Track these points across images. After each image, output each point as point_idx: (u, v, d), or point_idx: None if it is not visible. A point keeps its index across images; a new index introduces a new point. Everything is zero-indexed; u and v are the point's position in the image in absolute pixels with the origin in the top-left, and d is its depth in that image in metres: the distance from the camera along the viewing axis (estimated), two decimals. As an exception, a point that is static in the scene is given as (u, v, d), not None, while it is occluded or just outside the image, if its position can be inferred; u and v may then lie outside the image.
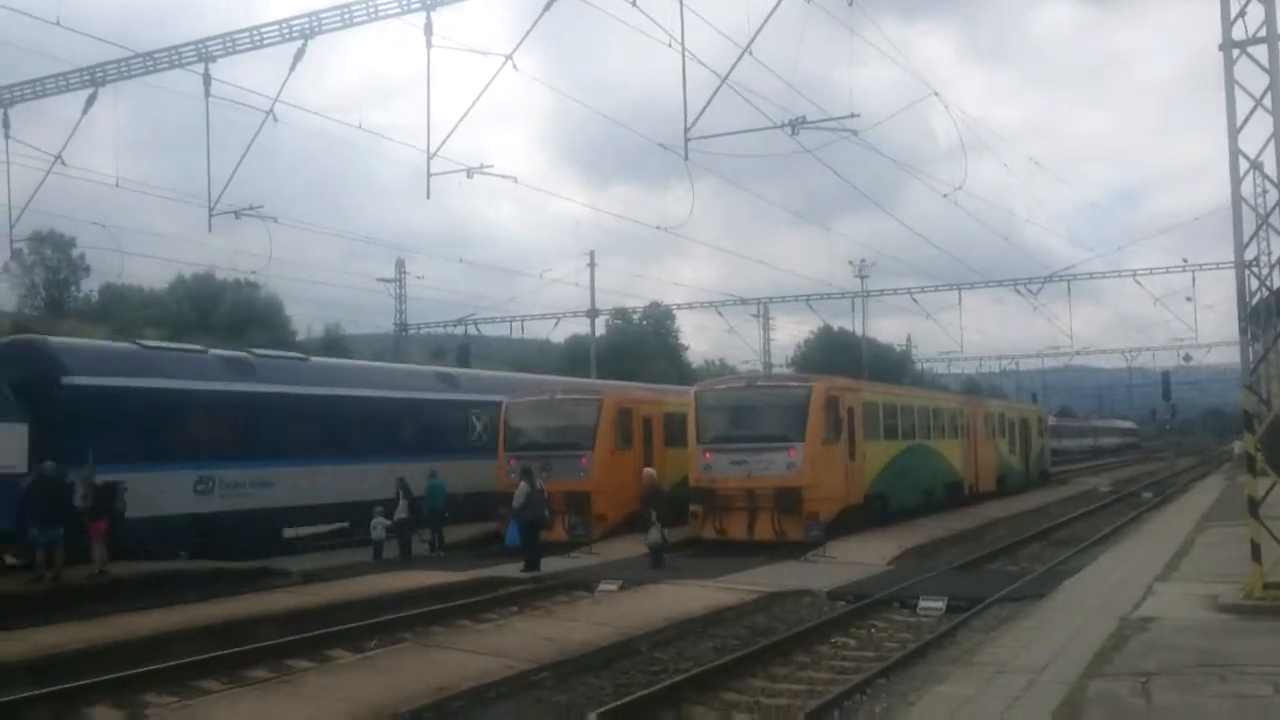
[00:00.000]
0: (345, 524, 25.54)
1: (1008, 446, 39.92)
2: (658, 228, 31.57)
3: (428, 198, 20.30)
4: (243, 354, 24.57)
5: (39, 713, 10.22)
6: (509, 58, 19.62)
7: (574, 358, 59.79)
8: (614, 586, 17.39)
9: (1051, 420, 60.87)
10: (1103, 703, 8.62)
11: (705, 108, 19.48)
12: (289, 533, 24.25)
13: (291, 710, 9.48)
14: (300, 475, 23.33)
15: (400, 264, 55.04)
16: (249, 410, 22.71)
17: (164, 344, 24.65)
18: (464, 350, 52.92)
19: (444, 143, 20.28)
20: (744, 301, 55.97)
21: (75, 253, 59.65)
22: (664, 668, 11.92)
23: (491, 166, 22.14)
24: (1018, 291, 49.67)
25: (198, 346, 25.37)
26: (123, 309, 56.44)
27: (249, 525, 22.05)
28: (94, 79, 21.93)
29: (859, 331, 66.59)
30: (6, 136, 22.63)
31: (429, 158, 20.07)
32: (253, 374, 23.49)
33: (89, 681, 11.08)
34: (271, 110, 21.03)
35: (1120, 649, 10.64)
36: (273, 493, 22.80)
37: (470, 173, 21.56)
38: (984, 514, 30.36)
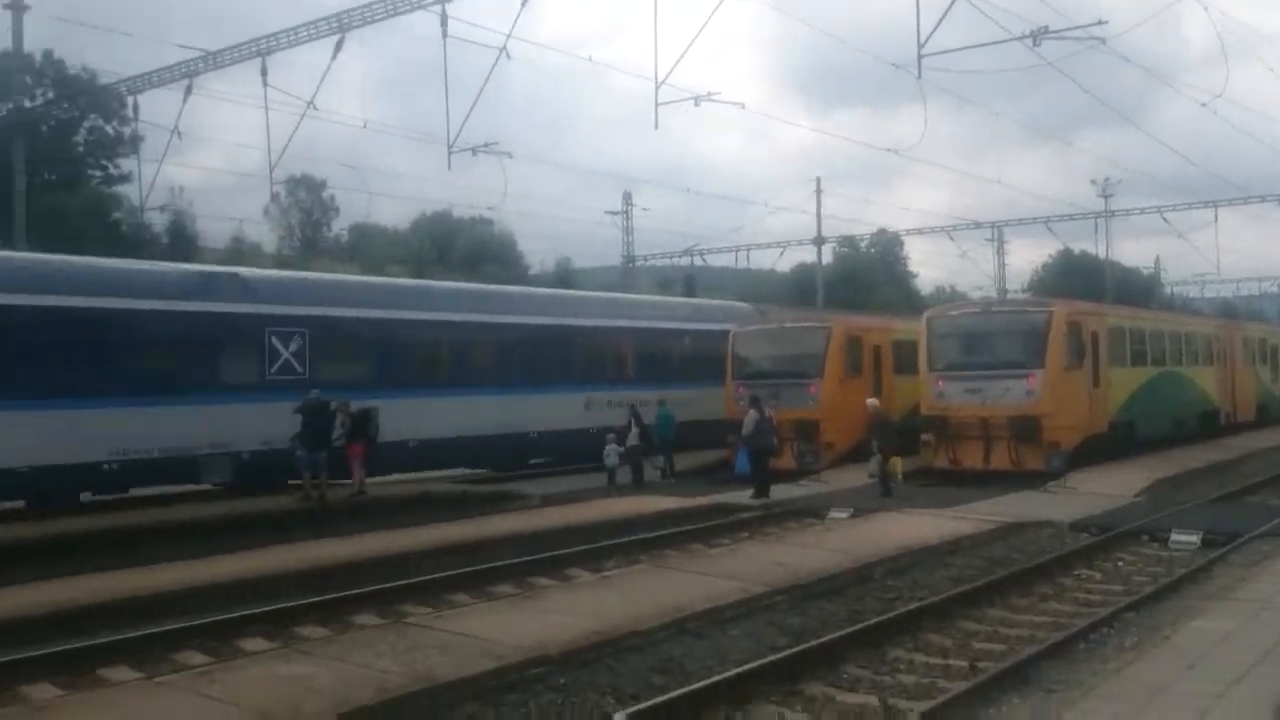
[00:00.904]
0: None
1: (1270, 374, 37.26)
2: (889, 150, 30.84)
3: (655, 128, 20.49)
4: None
5: (313, 617, 11.12)
6: (735, -18, 19.44)
7: (801, 287, 59.29)
8: (845, 514, 17.31)
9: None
10: (1383, 644, 8.03)
11: (939, 23, 18.83)
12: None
13: (539, 622, 9.93)
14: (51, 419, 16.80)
15: (627, 196, 55.83)
16: None
17: None
18: (689, 281, 53.36)
19: (671, 70, 20.47)
20: (977, 225, 54.11)
21: (326, 194, 63.18)
22: (899, 595, 11.83)
23: (718, 94, 22.14)
24: (1284, 207, 45.98)
25: None
26: (369, 248, 59.60)
27: None
28: (341, 25, 23.05)
29: (1102, 254, 63.21)
30: (265, 85, 24.10)
31: (656, 86, 20.22)
32: None
33: (354, 593, 11.96)
34: (504, 47, 21.62)
35: (1402, 589, 9.87)
36: None
37: (697, 100, 21.63)
38: (1241, 445, 28.58)
